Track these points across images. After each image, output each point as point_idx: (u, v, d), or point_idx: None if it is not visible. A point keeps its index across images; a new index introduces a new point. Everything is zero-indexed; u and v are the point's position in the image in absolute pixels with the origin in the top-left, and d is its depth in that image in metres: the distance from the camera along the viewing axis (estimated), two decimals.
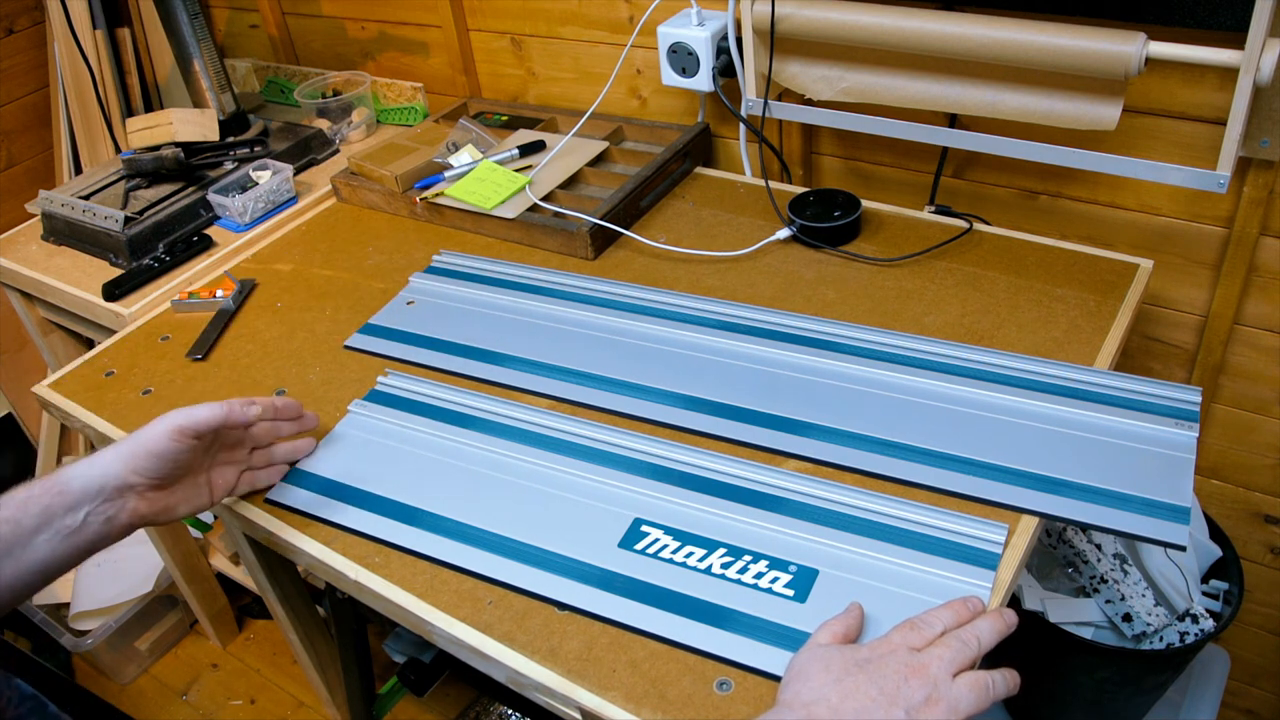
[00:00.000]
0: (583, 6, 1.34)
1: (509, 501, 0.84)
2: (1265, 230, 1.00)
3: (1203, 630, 1.02)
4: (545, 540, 0.80)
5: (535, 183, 1.24)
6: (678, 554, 0.77)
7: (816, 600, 0.72)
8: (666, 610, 0.73)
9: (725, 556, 0.76)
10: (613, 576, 0.76)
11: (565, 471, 0.86)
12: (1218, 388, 1.12)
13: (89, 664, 1.79)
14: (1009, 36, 0.93)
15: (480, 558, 0.79)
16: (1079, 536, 1.07)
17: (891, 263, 1.08)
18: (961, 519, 0.76)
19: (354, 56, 1.69)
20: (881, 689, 0.60)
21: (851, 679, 0.60)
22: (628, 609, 0.73)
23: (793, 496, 0.80)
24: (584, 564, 0.77)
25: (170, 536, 1.61)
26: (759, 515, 0.79)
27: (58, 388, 1.08)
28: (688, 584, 0.74)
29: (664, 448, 0.87)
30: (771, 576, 0.74)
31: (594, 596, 0.75)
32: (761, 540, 0.77)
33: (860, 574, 0.74)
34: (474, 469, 0.88)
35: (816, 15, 1.03)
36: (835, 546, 0.76)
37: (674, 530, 0.79)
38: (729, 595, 0.73)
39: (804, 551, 0.76)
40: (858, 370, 0.93)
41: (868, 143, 1.21)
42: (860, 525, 0.77)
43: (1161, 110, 1.00)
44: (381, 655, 1.55)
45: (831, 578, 0.73)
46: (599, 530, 0.80)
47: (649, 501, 0.82)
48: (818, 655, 0.64)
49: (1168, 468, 0.80)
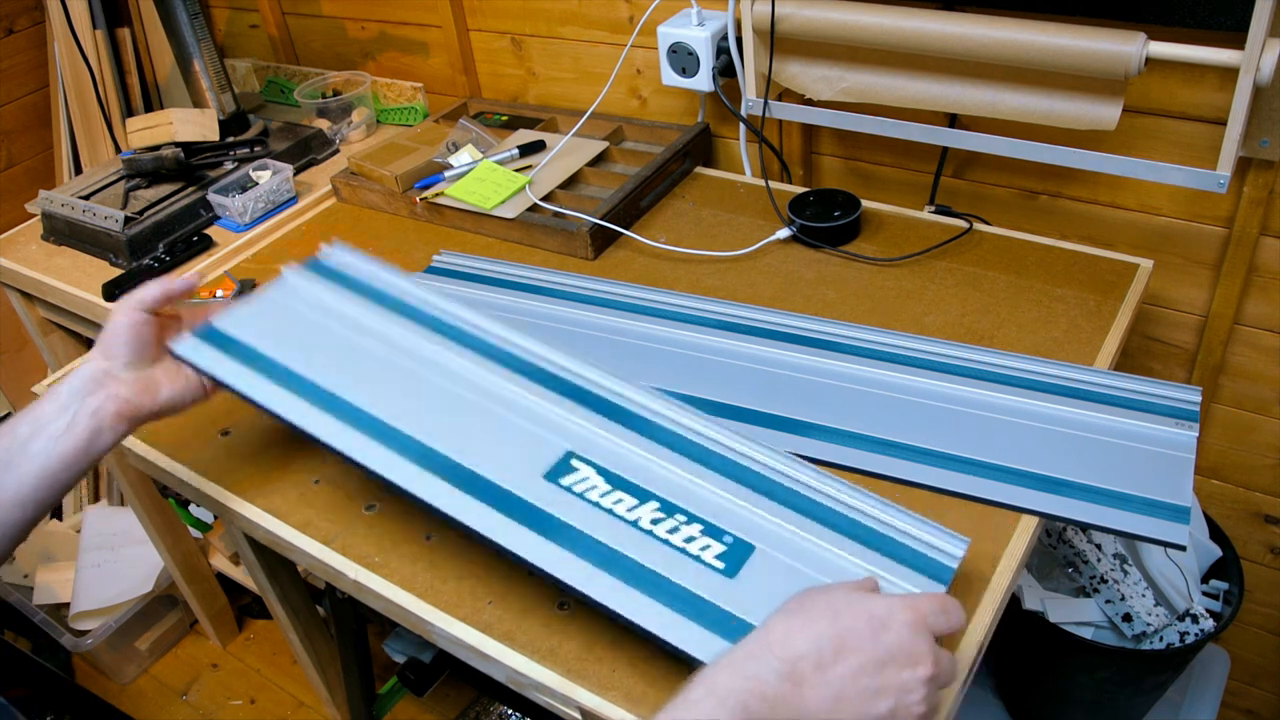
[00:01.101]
0: (583, 6, 1.34)
1: (436, 404, 0.76)
2: (1265, 230, 1.00)
3: (1203, 630, 1.02)
4: (466, 454, 0.72)
5: (535, 183, 1.24)
6: (606, 498, 0.69)
7: (747, 579, 0.65)
8: (581, 557, 0.66)
9: (657, 511, 0.69)
10: (530, 510, 0.68)
11: (502, 383, 0.78)
12: (1218, 388, 1.12)
13: (89, 664, 1.79)
14: (1009, 36, 0.93)
15: (392, 461, 0.72)
16: (1079, 536, 1.07)
17: (891, 263, 1.08)
18: (924, 525, 0.69)
19: (354, 56, 1.69)
20: (881, 687, 0.52)
21: (858, 656, 0.52)
22: (540, 549, 0.66)
23: (743, 461, 0.74)
24: (503, 489, 0.70)
25: (170, 536, 1.61)
26: (703, 474, 0.72)
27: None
28: (610, 533, 0.67)
29: (612, 380, 0.80)
30: (703, 544, 0.67)
31: (507, 528, 0.67)
32: (700, 502, 0.70)
33: (800, 560, 0.66)
34: (406, 363, 0.79)
35: (816, 15, 1.03)
36: (779, 525, 0.69)
37: (607, 472, 0.71)
38: (653, 555, 0.66)
39: (743, 523, 0.69)
40: (858, 370, 0.93)
41: (868, 143, 1.21)
42: (811, 507, 0.70)
43: (1161, 110, 1.00)
44: (381, 655, 1.55)
45: (768, 557, 0.67)
46: (526, 455, 0.72)
47: (586, 434, 0.75)
48: (839, 602, 0.54)
49: (1168, 468, 0.80)
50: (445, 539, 0.82)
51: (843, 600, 0.55)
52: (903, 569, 0.66)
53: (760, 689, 0.50)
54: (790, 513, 0.70)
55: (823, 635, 0.52)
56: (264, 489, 0.89)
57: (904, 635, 0.53)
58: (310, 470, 0.91)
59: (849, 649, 0.52)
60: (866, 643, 0.52)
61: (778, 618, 0.55)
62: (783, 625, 0.53)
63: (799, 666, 0.51)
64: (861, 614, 0.53)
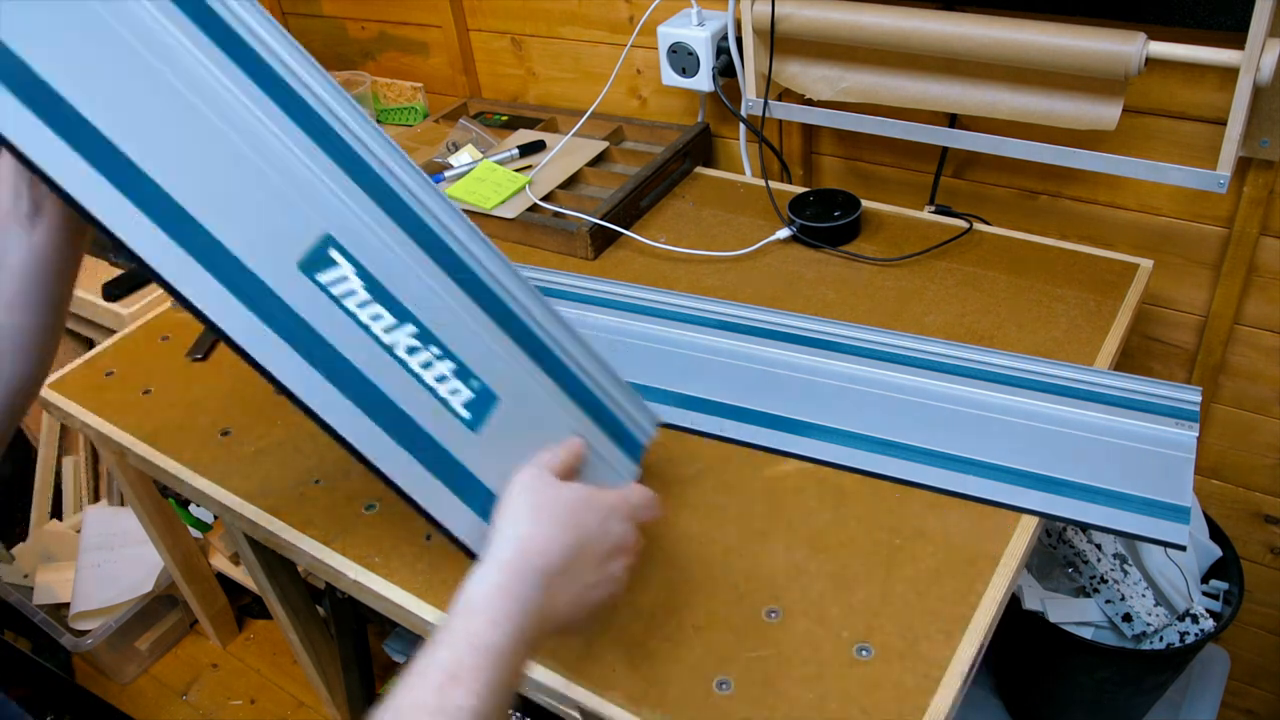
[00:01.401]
0: (583, 6, 1.34)
1: (191, 132, 0.56)
2: (1265, 230, 1.00)
3: (1203, 630, 1.02)
4: (212, 214, 0.55)
5: (535, 183, 1.24)
6: (363, 310, 0.59)
7: (488, 435, 0.61)
8: (326, 377, 0.57)
9: (414, 339, 0.60)
10: (278, 306, 0.56)
11: (266, 127, 0.59)
12: (1218, 388, 1.12)
13: (89, 664, 1.79)
14: (1009, 36, 0.93)
15: (122, 210, 0.53)
16: (1079, 536, 1.07)
17: (891, 263, 1.08)
18: (632, 400, 0.71)
19: (354, 56, 1.69)
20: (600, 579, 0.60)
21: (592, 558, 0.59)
22: (282, 357, 0.56)
23: (503, 295, 0.66)
24: (252, 274, 0.56)
25: (170, 536, 1.61)
26: (463, 301, 0.64)
27: (58, 388, 1.08)
28: (365, 357, 0.58)
29: (388, 150, 0.65)
30: (453, 386, 0.61)
31: (249, 326, 0.56)
32: (455, 334, 0.62)
33: (536, 425, 0.64)
34: (171, 80, 0.56)
35: (816, 15, 1.03)
36: (523, 376, 0.65)
37: (367, 275, 0.60)
38: (406, 393, 0.59)
39: (492, 369, 0.63)
40: (858, 370, 0.93)
41: (868, 143, 1.21)
42: (554, 364, 0.67)
43: (1161, 110, 1.00)
44: (381, 655, 1.55)
45: (508, 414, 0.63)
46: (280, 231, 0.57)
47: (348, 216, 0.60)
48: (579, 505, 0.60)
49: (1168, 468, 0.80)
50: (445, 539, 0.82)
51: (582, 503, 0.60)
52: (610, 442, 0.69)
53: (531, 608, 0.54)
54: (535, 366, 0.66)
55: (569, 546, 0.57)
56: (264, 489, 0.89)
57: (625, 530, 0.62)
58: (310, 470, 0.91)
59: (587, 554, 0.58)
60: (598, 544, 0.59)
61: (530, 524, 0.58)
62: (539, 535, 0.57)
63: (553, 578, 0.56)
64: (595, 516, 0.60)
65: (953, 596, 0.72)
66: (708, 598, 0.75)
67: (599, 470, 0.68)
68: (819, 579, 0.75)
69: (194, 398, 1.03)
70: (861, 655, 0.69)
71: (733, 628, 0.72)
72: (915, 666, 0.68)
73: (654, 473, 0.85)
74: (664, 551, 0.79)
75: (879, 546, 0.77)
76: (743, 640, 0.71)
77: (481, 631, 0.51)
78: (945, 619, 0.71)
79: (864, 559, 0.76)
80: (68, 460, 1.90)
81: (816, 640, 0.70)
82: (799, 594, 0.74)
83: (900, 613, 0.71)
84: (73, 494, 1.92)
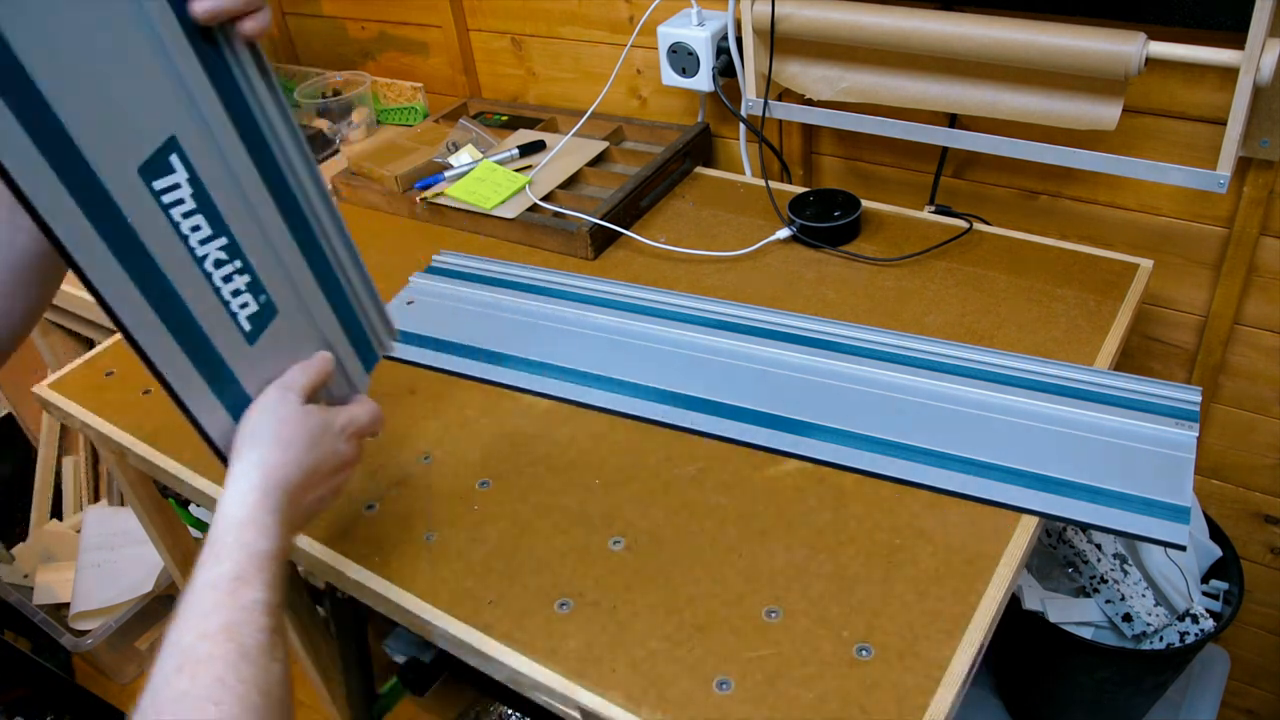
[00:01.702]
0: (583, 6, 1.34)
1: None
2: (1265, 230, 1.00)
3: (1203, 630, 1.02)
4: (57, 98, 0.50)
5: (535, 183, 1.24)
6: (186, 220, 0.58)
7: (260, 348, 0.64)
8: (139, 288, 0.56)
9: (222, 251, 0.60)
10: (107, 203, 0.53)
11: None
12: (1218, 388, 1.12)
13: (89, 664, 1.79)
14: (1009, 36, 0.93)
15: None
16: (1079, 536, 1.07)
17: (891, 263, 1.08)
18: (378, 307, 0.75)
19: (354, 56, 1.69)
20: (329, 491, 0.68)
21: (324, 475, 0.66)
22: (91, 249, 0.53)
23: (305, 208, 0.66)
24: (90, 168, 0.52)
25: (170, 536, 1.61)
26: (280, 222, 0.65)
27: (58, 388, 1.08)
28: (177, 269, 0.58)
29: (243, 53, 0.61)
30: (244, 300, 0.62)
31: (72, 219, 0.52)
32: (263, 253, 0.63)
33: (299, 338, 0.67)
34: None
35: (816, 15, 1.03)
36: (300, 289, 0.67)
37: (199, 183, 0.58)
38: (204, 305, 0.60)
39: (277, 281, 0.65)
40: (858, 370, 0.93)
41: (868, 143, 1.21)
42: (327, 275, 0.69)
43: (1161, 110, 1.00)
44: (381, 655, 1.55)
45: (279, 330, 0.65)
46: (128, 123, 0.54)
47: (192, 117, 0.58)
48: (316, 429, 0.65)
49: (1168, 468, 0.80)
50: (445, 539, 0.82)
51: (320, 428, 0.66)
52: (355, 357, 0.73)
53: (283, 517, 0.62)
54: (316, 285, 0.69)
55: (307, 466, 0.64)
56: None
57: (352, 449, 0.69)
58: None
59: (321, 471, 0.66)
60: (330, 463, 0.66)
61: (274, 448, 0.63)
62: (283, 458, 0.63)
63: (295, 493, 0.63)
64: (329, 440, 0.66)
65: (953, 596, 0.72)
66: (708, 598, 0.75)
67: (339, 383, 0.72)
68: (819, 579, 0.75)
69: None
70: (861, 655, 0.69)
71: (733, 628, 0.72)
72: (915, 666, 0.68)
73: (654, 472, 0.86)
74: (664, 551, 0.79)
75: (879, 546, 0.77)
76: (743, 640, 0.71)
77: (254, 541, 0.59)
78: (945, 619, 0.71)
79: (864, 559, 0.76)
80: (68, 460, 1.90)
81: (816, 640, 0.70)
82: (799, 594, 0.74)
83: (900, 613, 0.71)
84: (73, 494, 1.92)
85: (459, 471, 0.89)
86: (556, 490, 0.86)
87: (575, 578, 0.78)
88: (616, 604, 0.75)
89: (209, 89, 0.59)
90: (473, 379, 0.99)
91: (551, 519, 0.83)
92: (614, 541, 0.80)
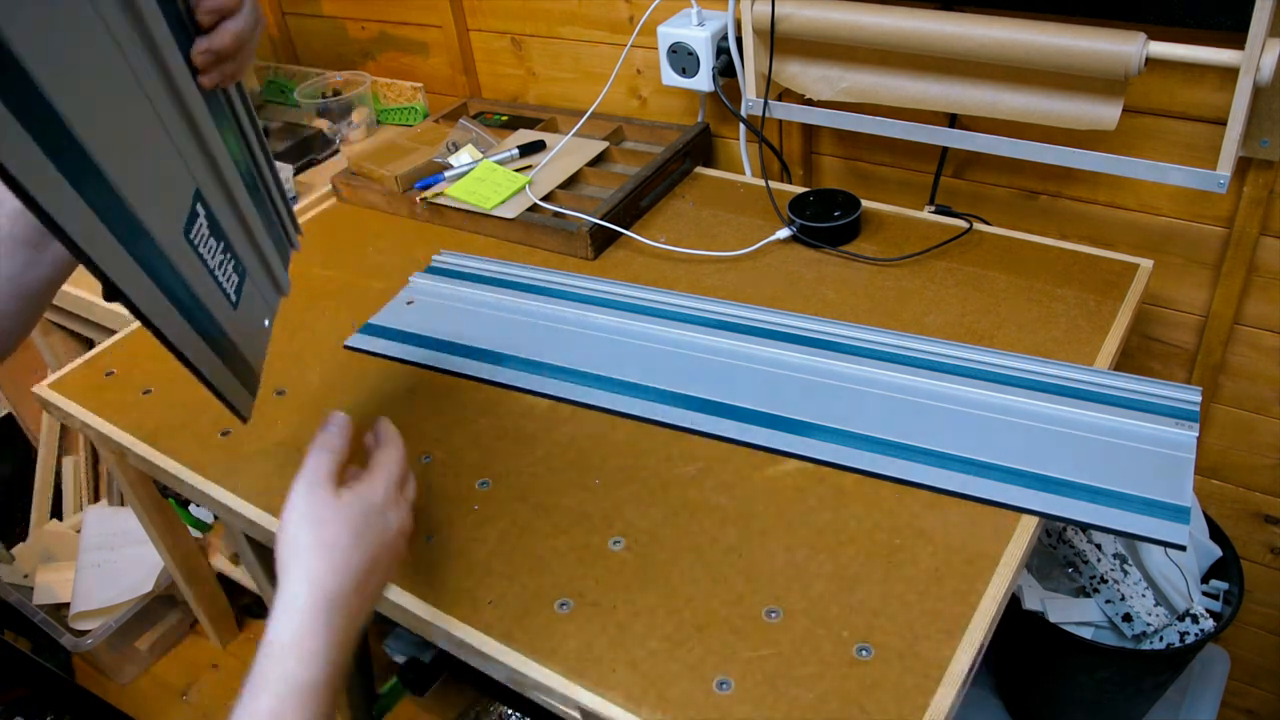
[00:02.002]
0: (583, 6, 1.34)
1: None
2: (1265, 230, 1.00)
3: (1203, 630, 1.02)
4: (111, 158, 0.51)
5: (535, 183, 1.24)
6: (205, 246, 0.63)
7: (242, 306, 0.69)
8: (171, 302, 0.59)
9: (223, 254, 0.66)
10: (163, 262, 0.58)
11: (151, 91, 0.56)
12: (1218, 388, 1.12)
13: (89, 664, 1.79)
14: (1009, 36, 0.93)
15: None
16: (1079, 536, 1.07)
17: (891, 263, 1.08)
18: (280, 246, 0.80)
19: (354, 56, 1.69)
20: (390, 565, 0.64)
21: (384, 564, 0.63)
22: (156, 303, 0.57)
23: (272, 195, 0.76)
24: (153, 241, 0.56)
25: (170, 536, 1.61)
26: (254, 210, 0.72)
27: (58, 388, 1.08)
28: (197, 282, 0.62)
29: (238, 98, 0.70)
30: (230, 276, 0.67)
31: (137, 281, 0.56)
32: (241, 237, 0.70)
33: (263, 282, 0.74)
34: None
35: (816, 15, 1.03)
36: (262, 249, 0.74)
37: (214, 219, 0.65)
38: (209, 294, 0.64)
39: (250, 251, 0.72)
40: (858, 370, 0.93)
41: (868, 143, 1.21)
42: (278, 236, 0.78)
43: (1161, 110, 1.00)
44: (381, 655, 1.55)
45: (250, 284, 0.71)
46: (165, 199, 0.58)
47: (206, 170, 0.64)
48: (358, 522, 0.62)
49: (1168, 468, 0.80)
50: (445, 539, 0.82)
51: (361, 517, 0.62)
52: (276, 253, 0.77)
53: (336, 636, 0.58)
54: (259, 220, 0.73)
55: (359, 564, 0.60)
56: (264, 489, 0.89)
57: (400, 514, 0.65)
58: None
59: (378, 559, 0.62)
60: (381, 543, 0.63)
61: (317, 558, 0.60)
62: (329, 566, 0.60)
63: (350, 596, 0.59)
64: (376, 522, 0.63)
65: (952, 596, 0.72)
66: (708, 598, 0.75)
67: (263, 283, 0.75)
68: (819, 579, 0.75)
69: (194, 398, 1.02)
70: (861, 655, 0.69)
71: (733, 628, 0.72)
72: (915, 666, 0.68)
73: (654, 472, 0.86)
74: (664, 551, 0.79)
75: (879, 546, 0.77)
76: (743, 640, 0.71)
77: (296, 673, 0.55)
78: (945, 619, 0.71)
79: (864, 559, 0.76)
80: (68, 460, 1.90)
81: (816, 640, 0.70)
82: (799, 594, 0.74)
83: (900, 613, 0.72)
84: (73, 494, 1.92)
85: (459, 471, 0.89)
86: (556, 490, 0.86)
87: (575, 578, 0.78)
88: (616, 604, 0.75)
89: (216, 133, 0.65)
90: (473, 379, 0.99)
91: (551, 519, 0.83)
92: (614, 541, 0.80)
